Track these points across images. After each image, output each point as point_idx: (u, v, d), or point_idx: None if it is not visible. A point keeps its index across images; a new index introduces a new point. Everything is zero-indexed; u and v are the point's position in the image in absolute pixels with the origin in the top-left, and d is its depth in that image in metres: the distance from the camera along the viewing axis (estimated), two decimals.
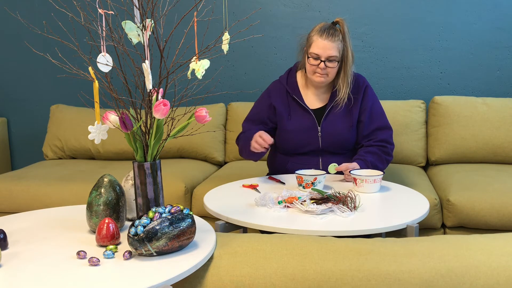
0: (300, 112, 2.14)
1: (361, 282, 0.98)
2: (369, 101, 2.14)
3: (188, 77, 1.31)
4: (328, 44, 2.00)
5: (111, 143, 3.07)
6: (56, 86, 3.47)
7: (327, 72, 2.05)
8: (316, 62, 2.03)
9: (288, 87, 2.16)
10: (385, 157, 2.10)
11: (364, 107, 2.13)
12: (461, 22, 2.97)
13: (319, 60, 2.02)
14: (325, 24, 2.07)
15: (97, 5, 1.24)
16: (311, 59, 2.04)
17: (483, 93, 3.02)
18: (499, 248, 1.02)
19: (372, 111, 2.14)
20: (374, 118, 2.14)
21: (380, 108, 2.18)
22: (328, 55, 2.01)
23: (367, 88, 2.16)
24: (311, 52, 2.04)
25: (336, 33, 2.03)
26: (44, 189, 2.56)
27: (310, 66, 2.06)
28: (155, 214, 1.12)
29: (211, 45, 2.07)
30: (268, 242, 1.08)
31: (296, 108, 2.15)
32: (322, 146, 2.12)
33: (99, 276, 1.01)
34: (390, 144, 2.13)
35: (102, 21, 1.23)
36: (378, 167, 2.05)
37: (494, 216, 2.14)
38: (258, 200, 1.69)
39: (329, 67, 2.04)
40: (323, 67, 2.03)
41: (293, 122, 2.13)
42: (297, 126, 2.12)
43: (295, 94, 2.15)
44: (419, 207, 1.66)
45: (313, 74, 2.08)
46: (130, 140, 1.28)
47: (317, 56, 2.02)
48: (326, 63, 2.03)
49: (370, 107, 2.13)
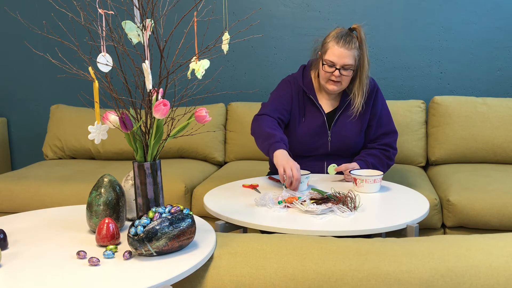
0: (313, 113, 2.11)
1: (361, 282, 0.98)
2: (379, 105, 2.13)
3: (188, 77, 1.31)
4: (344, 52, 1.96)
5: (111, 143, 3.07)
6: (56, 86, 3.47)
7: (341, 80, 2.02)
8: (331, 70, 2.00)
9: (305, 87, 2.12)
10: (386, 161, 2.10)
11: (374, 112, 2.12)
12: (461, 22, 2.97)
13: (334, 67, 1.99)
14: (342, 30, 2.02)
15: (97, 5, 1.24)
16: (326, 66, 2.01)
17: (483, 93, 3.02)
18: (499, 248, 1.02)
19: (381, 116, 2.13)
20: (382, 123, 2.13)
21: (388, 112, 2.17)
22: (344, 63, 1.98)
23: (378, 91, 2.14)
24: (326, 59, 2.00)
25: (353, 40, 1.99)
26: (44, 189, 2.56)
27: (324, 73, 2.03)
28: (155, 214, 1.12)
29: (211, 45, 2.07)
30: (268, 242, 1.08)
31: (310, 109, 2.11)
32: (330, 150, 2.11)
33: (99, 276, 1.01)
34: (393, 149, 2.13)
35: (102, 21, 1.23)
36: (378, 169, 2.04)
37: (494, 216, 2.14)
38: (258, 200, 1.69)
39: (344, 75, 2.00)
40: (338, 75, 1.99)
41: (305, 125, 2.10)
42: (308, 130, 2.09)
43: (312, 94, 2.11)
44: (419, 207, 1.66)
45: (326, 81, 2.05)
46: (130, 140, 1.28)
47: (332, 64, 1.99)
48: (341, 71, 1.99)
49: (379, 111, 2.13)
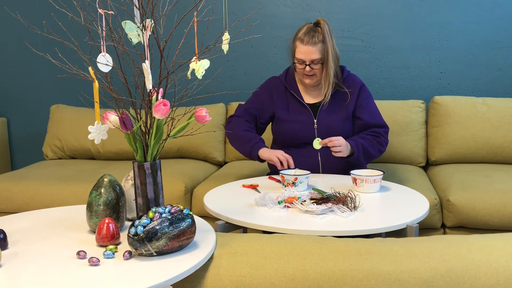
0: (297, 107, 2.23)
1: (361, 282, 0.98)
2: (365, 98, 2.23)
3: (188, 77, 1.31)
4: (309, 49, 2.11)
5: (111, 143, 3.07)
6: (56, 86, 3.47)
7: (313, 73, 2.16)
8: (302, 66, 2.15)
9: (287, 84, 2.26)
10: (378, 146, 2.16)
11: (359, 103, 2.22)
12: (461, 22, 2.97)
13: (304, 64, 2.14)
14: (307, 27, 2.16)
15: (97, 5, 1.24)
16: (297, 64, 2.16)
17: (483, 93, 3.02)
18: (499, 248, 1.02)
19: (369, 109, 2.22)
20: (372, 117, 2.21)
21: (377, 109, 2.26)
22: (311, 59, 2.12)
23: (363, 86, 2.26)
24: (296, 57, 2.16)
25: (316, 35, 2.12)
26: (44, 189, 2.56)
27: (298, 69, 2.18)
28: (155, 214, 1.12)
29: (211, 45, 2.07)
30: (268, 242, 1.08)
31: (293, 103, 2.24)
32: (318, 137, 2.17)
33: (99, 276, 1.01)
34: (384, 137, 2.20)
35: (102, 21, 1.23)
36: (368, 151, 2.12)
37: (494, 216, 2.14)
38: (258, 200, 1.69)
39: (314, 68, 2.14)
40: (309, 69, 2.14)
41: (290, 115, 2.23)
42: (293, 118, 2.22)
43: (293, 90, 2.25)
44: (419, 207, 1.66)
45: (302, 76, 2.19)
46: (130, 140, 1.28)
47: (302, 61, 2.14)
48: (311, 65, 2.14)
49: (366, 104, 2.22)
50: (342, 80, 2.23)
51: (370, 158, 2.16)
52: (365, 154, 2.12)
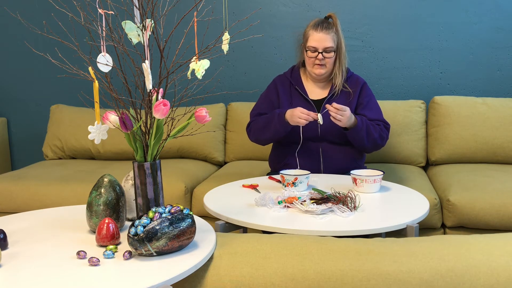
0: (301, 103, 2.25)
1: (361, 282, 0.98)
2: (367, 96, 2.26)
3: (188, 77, 1.31)
4: (323, 36, 2.14)
5: (111, 143, 3.07)
6: (56, 86, 3.47)
7: (325, 62, 2.18)
8: (314, 55, 2.17)
9: (292, 79, 2.30)
10: (380, 132, 2.17)
11: (361, 101, 2.25)
12: (461, 22, 2.97)
13: (317, 52, 2.16)
14: (319, 19, 2.21)
15: (97, 5, 1.24)
16: (309, 52, 2.18)
17: (483, 93, 3.02)
18: (499, 248, 1.02)
19: (371, 106, 2.24)
20: (373, 112, 2.23)
21: (377, 105, 2.29)
22: (325, 46, 2.15)
23: (365, 85, 2.29)
24: (308, 45, 2.17)
25: (330, 26, 2.18)
26: (44, 189, 2.56)
27: (309, 59, 2.20)
28: (155, 214, 1.12)
29: (211, 45, 2.07)
30: (268, 242, 1.08)
31: (297, 99, 2.26)
32: (321, 134, 2.19)
33: (99, 276, 1.01)
34: (386, 130, 2.22)
35: (102, 21, 1.23)
36: (371, 131, 2.12)
37: (494, 216, 2.14)
38: (258, 200, 1.69)
39: (326, 57, 2.17)
40: (321, 58, 2.16)
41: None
42: None
43: (298, 85, 2.28)
44: (419, 207, 1.66)
45: (312, 66, 2.21)
46: (130, 140, 1.28)
47: (314, 49, 2.16)
48: (324, 54, 2.16)
49: (367, 101, 2.25)
50: (346, 79, 2.25)
51: (371, 140, 2.13)
52: (368, 133, 2.11)
